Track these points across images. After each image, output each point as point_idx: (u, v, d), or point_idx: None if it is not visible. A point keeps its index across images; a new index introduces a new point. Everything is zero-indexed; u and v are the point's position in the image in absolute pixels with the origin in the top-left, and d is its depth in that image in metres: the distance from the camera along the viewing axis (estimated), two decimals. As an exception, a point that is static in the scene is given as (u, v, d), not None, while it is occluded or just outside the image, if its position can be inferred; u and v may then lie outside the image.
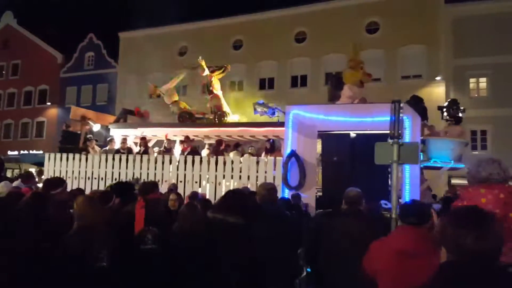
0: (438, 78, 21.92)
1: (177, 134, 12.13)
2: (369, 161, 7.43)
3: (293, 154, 8.42)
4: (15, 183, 8.33)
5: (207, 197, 8.48)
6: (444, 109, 9.23)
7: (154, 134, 12.62)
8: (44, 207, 3.73)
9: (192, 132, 11.95)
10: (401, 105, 8.44)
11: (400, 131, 7.60)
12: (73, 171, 10.82)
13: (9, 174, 22.86)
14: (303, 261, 4.64)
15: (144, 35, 28.69)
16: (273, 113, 10.99)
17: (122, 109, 13.75)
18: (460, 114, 9.10)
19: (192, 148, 11.02)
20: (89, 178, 10.51)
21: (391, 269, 2.90)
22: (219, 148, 11.13)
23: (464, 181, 7.07)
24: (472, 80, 21.79)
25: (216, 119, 12.44)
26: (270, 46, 25.12)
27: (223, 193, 7.15)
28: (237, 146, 11.55)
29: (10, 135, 33.46)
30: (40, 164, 21.91)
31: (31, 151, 30.00)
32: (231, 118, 12.93)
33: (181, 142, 11.50)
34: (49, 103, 32.24)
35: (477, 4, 21.59)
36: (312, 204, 8.18)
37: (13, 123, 33.35)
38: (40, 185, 7.81)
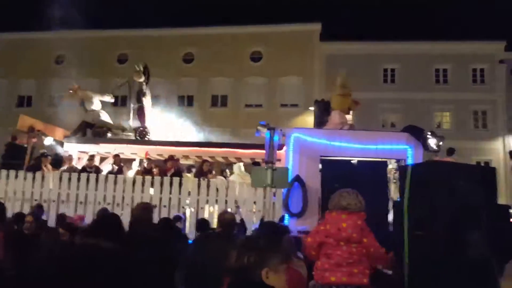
0: (311, 108, 23.93)
1: (151, 152, 10.75)
2: (371, 188, 7.28)
3: (297, 178, 8.08)
4: None
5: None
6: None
7: (121, 151, 11.04)
8: None
9: (169, 151, 10.59)
10: (405, 135, 8.55)
11: (274, 157, 8.35)
12: (23, 192, 8.90)
13: None
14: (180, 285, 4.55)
15: (18, 39, 26.44)
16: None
17: (82, 121, 11.80)
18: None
19: (176, 170, 9.80)
20: (45, 201, 8.69)
21: None
22: (202, 170, 9.97)
23: None
24: (340, 112, 24.25)
25: (138, 136, 11.43)
26: (160, 64, 24.98)
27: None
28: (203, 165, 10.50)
29: None
30: None
31: None
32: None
33: (165, 161, 10.33)
34: None
35: (347, 44, 24.37)
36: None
37: None
38: None
